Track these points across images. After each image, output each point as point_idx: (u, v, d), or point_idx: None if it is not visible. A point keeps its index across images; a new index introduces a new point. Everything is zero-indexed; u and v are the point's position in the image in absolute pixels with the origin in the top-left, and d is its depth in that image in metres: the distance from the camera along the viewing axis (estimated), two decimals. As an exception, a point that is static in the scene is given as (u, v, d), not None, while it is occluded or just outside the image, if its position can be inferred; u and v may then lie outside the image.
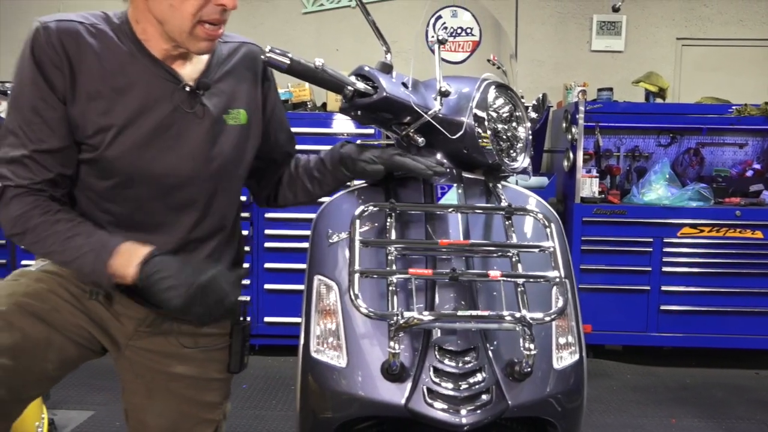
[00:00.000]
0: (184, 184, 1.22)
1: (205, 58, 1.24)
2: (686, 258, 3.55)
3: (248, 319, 1.38)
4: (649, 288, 3.57)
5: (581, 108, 3.58)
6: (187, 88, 1.20)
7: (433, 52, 1.26)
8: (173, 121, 1.19)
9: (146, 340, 1.30)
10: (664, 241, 3.54)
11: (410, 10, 4.28)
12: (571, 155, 3.64)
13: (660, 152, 4.04)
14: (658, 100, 3.92)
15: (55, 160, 1.14)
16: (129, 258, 1.11)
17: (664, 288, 3.56)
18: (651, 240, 3.55)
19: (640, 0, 4.23)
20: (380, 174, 1.21)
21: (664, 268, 3.56)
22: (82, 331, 1.22)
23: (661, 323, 3.58)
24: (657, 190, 3.66)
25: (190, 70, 1.22)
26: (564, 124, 3.71)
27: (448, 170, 1.22)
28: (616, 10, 2.54)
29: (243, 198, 1.40)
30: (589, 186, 3.65)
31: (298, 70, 1.14)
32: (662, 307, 3.57)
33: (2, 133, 1.14)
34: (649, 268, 3.56)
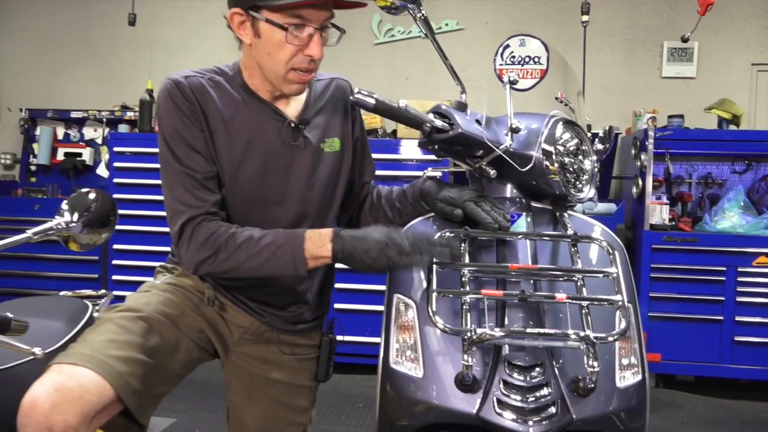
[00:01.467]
0: (292, 208, 1.38)
1: (304, 96, 1.42)
2: (762, 288, 3.46)
3: (334, 334, 1.52)
4: (722, 318, 3.49)
5: (650, 134, 3.57)
6: (291, 124, 1.37)
7: (502, 81, 1.35)
8: (282, 154, 1.36)
9: (250, 347, 1.46)
10: (739, 270, 3.46)
11: (479, 38, 4.41)
12: (640, 182, 3.63)
13: (734, 179, 3.96)
14: (732, 127, 3.86)
15: (216, 183, 1.33)
16: (320, 239, 1.24)
17: (738, 318, 3.47)
18: (724, 269, 3.48)
19: (713, 26, 4.19)
20: (458, 218, 1.30)
21: (739, 298, 3.47)
22: (202, 335, 1.39)
23: (735, 354, 3.49)
24: (731, 218, 3.59)
25: (292, 108, 1.40)
26: (633, 151, 3.71)
27: (517, 209, 1.31)
28: (685, 40, 2.56)
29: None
30: (659, 213, 3.62)
31: (382, 109, 1.28)
32: (736, 338, 3.47)
33: (172, 174, 1.31)
34: (723, 298, 3.48)
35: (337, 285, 3.85)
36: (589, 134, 1.41)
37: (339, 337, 1.55)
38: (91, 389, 1.12)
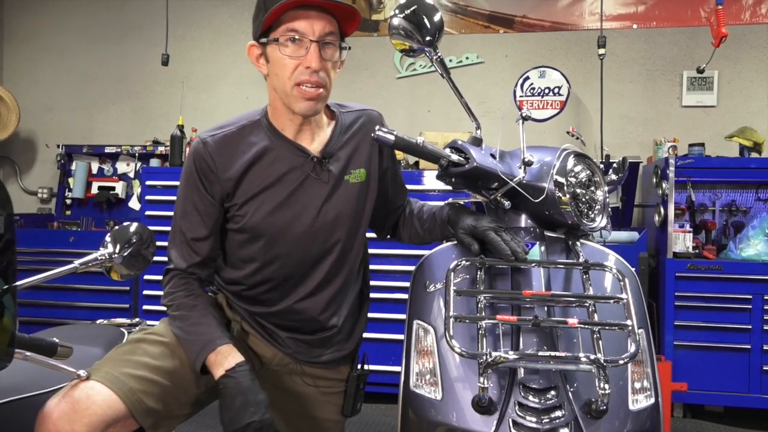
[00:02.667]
0: (316, 238, 1.45)
1: (330, 129, 1.49)
2: (791, 316, 3.42)
3: (366, 368, 1.56)
4: (749, 347, 3.44)
5: (671, 162, 3.59)
6: (315, 159, 1.44)
7: (521, 111, 1.42)
8: (305, 188, 1.44)
9: (274, 378, 1.51)
10: (765, 298, 3.43)
11: (499, 71, 4.50)
12: (662, 210, 3.64)
13: (759, 207, 3.94)
14: (754, 155, 3.86)
15: (204, 246, 1.44)
16: (222, 360, 1.32)
17: (766, 347, 3.43)
18: (750, 297, 3.44)
19: (732, 55, 4.22)
20: (475, 253, 1.35)
21: (767, 327, 3.43)
22: None
23: (764, 384, 3.43)
24: (756, 246, 3.57)
25: (317, 143, 1.47)
26: (654, 180, 3.73)
27: (531, 239, 1.37)
28: (701, 71, 2.61)
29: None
30: (682, 241, 3.61)
31: (402, 146, 1.36)
32: (765, 368, 3.42)
33: (174, 225, 1.47)
34: (749, 326, 3.44)
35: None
36: (602, 166, 1.46)
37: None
38: (98, 401, 1.21)
